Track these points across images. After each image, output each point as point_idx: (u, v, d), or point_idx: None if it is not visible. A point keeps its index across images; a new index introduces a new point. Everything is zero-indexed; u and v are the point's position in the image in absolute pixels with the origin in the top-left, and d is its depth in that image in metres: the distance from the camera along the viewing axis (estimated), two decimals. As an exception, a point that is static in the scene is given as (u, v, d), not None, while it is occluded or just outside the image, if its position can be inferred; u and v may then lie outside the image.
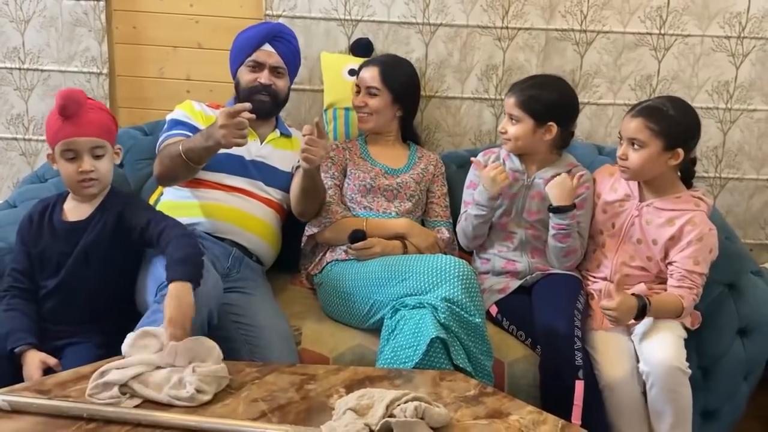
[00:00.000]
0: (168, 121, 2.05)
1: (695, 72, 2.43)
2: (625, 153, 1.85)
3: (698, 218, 1.83)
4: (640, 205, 1.90)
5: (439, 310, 1.64)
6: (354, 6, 2.39)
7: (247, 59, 2.06)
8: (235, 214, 1.97)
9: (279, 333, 1.78)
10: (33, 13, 2.40)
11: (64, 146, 1.66)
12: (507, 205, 2.01)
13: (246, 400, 1.34)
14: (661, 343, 1.72)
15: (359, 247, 1.91)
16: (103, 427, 1.23)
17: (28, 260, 1.72)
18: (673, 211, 1.85)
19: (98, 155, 1.69)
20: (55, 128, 1.66)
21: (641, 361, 1.73)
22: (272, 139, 2.12)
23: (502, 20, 2.40)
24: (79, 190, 1.70)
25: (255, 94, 2.03)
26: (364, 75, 2.16)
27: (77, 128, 1.65)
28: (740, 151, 2.48)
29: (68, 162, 1.67)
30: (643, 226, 1.88)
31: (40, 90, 2.46)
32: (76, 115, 1.65)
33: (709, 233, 1.82)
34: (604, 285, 1.91)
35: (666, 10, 2.39)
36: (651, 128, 1.81)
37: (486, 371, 1.68)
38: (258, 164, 2.05)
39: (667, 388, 1.67)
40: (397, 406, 1.23)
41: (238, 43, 2.11)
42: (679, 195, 1.88)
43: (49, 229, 1.72)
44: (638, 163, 1.83)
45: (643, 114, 1.84)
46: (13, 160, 2.50)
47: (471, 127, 2.49)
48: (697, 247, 1.80)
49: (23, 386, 1.36)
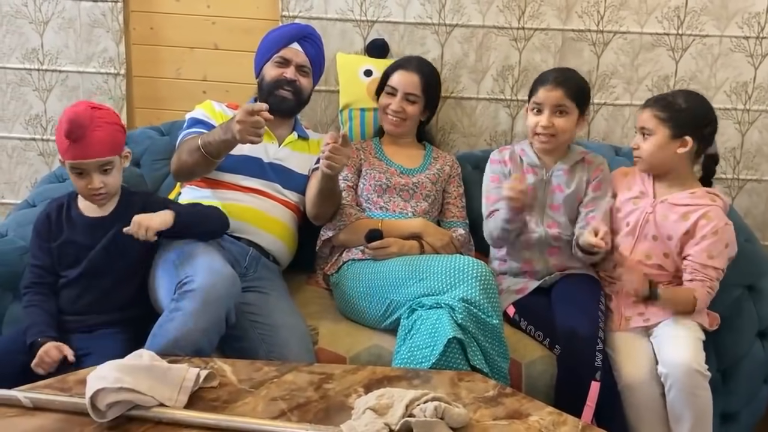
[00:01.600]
0: (188, 120, 2.06)
1: (713, 73, 2.41)
2: (637, 143, 1.93)
3: (713, 213, 1.82)
4: (654, 202, 1.90)
5: (456, 310, 1.64)
6: (370, 7, 2.39)
7: (274, 55, 2.07)
8: (252, 214, 1.97)
9: (296, 332, 1.78)
10: (52, 14, 2.42)
11: (72, 166, 1.69)
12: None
13: (265, 399, 1.34)
14: (680, 344, 1.71)
15: (376, 246, 1.91)
16: (123, 425, 1.23)
17: (47, 255, 1.74)
18: (687, 206, 1.85)
19: (106, 170, 1.71)
20: (63, 147, 1.68)
21: (659, 363, 1.72)
22: (290, 141, 2.12)
23: (518, 21, 2.39)
24: (92, 201, 1.75)
25: (279, 88, 2.05)
26: (403, 80, 2.14)
27: (83, 150, 1.67)
28: (759, 152, 2.46)
29: (77, 177, 1.71)
30: (658, 223, 1.87)
31: (58, 91, 2.48)
32: (83, 137, 1.66)
33: (725, 228, 1.82)
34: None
35: (684, 10, 2.37)
36: (657, 116, 1.89)
37: (502, 373, 1.68)
38: (276, 167, 2.06)
39: (686, 391, 1.66)
40: (417, 406, 1.23)
41: (266, 41, 2.12)
42: (694, 191, 1.88)
43: (69, 223, 1.75)
44: (648, 151, 1.89)
45: (650, 104, 1.93)
46: (31, 160, 2.53)
47: (486, 127, 2.48)
48: (711, 241, 1.79)
49: (45, 383, 1.36)
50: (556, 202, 2.00)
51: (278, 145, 2.10)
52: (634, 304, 1.85)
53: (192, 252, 1.69)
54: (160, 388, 1.28)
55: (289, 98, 2.06)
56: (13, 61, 2.46)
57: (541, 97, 1.96)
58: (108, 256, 1.72)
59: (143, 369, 1.30)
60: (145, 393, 1.25)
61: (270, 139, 2.08)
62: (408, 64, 2.17)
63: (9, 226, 2.00)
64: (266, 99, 2.03)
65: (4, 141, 2.51)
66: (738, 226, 2.06)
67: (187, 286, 1.57)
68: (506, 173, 2.03)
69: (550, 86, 1.95)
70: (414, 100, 2.14)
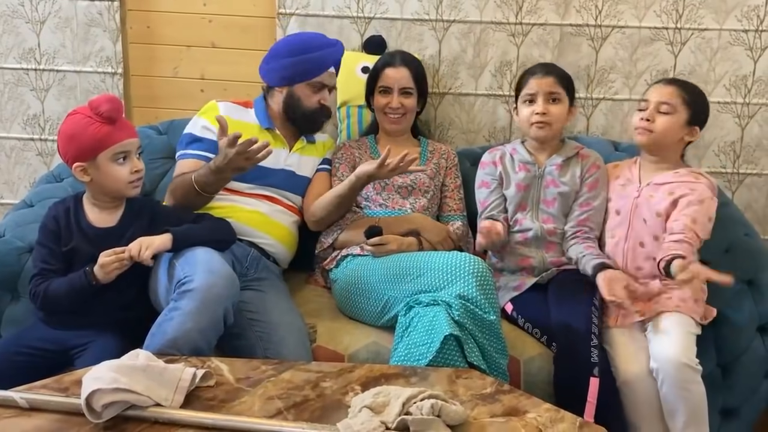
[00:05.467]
0: (184, 136, 2.02)
1: (712, 66, 2.40)
2: (652, 115, 1.89)
3: (699, 188, 1.84)
4: (639, 187, 1.93)
5: (453, 307, 1.63)
6: (367, 3, 2.38)
7: (312, 79, 2.02)
8: (256, 218, 1.97)
9: (293, 330, 1.78)
10: (48, 14, 2.42)
11: (120, 149, 1.68)
12: (522, 199, 2.01)
13: (262, 398, 1.34)
14: (670, 339, 1.70)
15: (376, 242, 1.90)
16: (119, 425, 1.23)
17: (59, 260, 1.71)
18: (671, 183, 1.88)
19: (140, 155, 1.75)
20: (100, 135, 1.65)
21: (651, 358, 1.71)
22: (300, 147, 2.12)
23: (515, 16, 2.38)
24: (129, 191, 1.73)
25: (319, 116, 2.06)
26: (394, 76, 2.13)
27: (126, 131, 1.69)
28: (758, 146, 2.45)
29: (121, 165, 1.69)
30: (645, 203, 1.89)
31: (55, 90, 2.48)
32: (120, 119, 1.68)
33: (711, 201, 1.84)
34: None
35: (682, 3, 2.36)
36: (683, 97, 1.88)
37: (501, 369, 1.67)
38: (287, 173, 2.06)
39: (677, 385, 1.65)
40: (414, 404, 1.23)
41: (297, 57, 2.00)
42: (678, 170, 1.91)
43: (78, 232, 1.72)
44: (663, 128, 1.89)
45: (677, 84, 1.93)
46: (29, 160, 2.53)
47: (485, 123, 2.47)
48: (696, 208, 1.80)
49: (41, 384, 1.36)
50: (550, 197, 2.01)
51: (288, 151, 2.09)
52: (632, 302, 1.85)
53: (191, 252, 1.68)
54: (156, 388, 1.28)
55: (324, 122, 2.10)
56: (10, 61, 2.46)
57: (533, 86, 1.99)
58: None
59: (139, 369, 1.29)
60: (141, 393, 1.25)
61: (283, 146, 2.08)
62: (394, 60, 2.16)
63: (7, 226, 2.00)
64: (307, 122, 2.07)
65: (2, 141, 2.52)
66: (738, 220, 2.06)
67: (186, 286, 1.56)
68: (496, 176, 2.05)
69: (540, 75, 2.00)
70: (410, 93, 2.14)
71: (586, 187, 2.00)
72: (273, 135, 2.06)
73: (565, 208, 2.01)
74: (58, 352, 1.65)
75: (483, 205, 2.06)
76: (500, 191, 2.05)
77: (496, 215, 2.02)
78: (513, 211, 2.02)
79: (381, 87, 2.15)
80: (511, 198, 2.03)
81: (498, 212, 2.03)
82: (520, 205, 2.02)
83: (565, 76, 2.03)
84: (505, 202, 2.05)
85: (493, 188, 2.05)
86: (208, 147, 1.94)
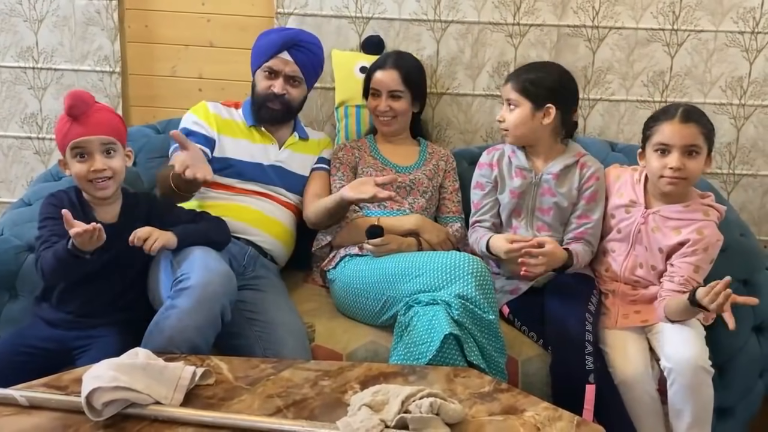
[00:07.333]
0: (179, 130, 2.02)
1: (708, 68, 2.41)
2: (681, 162, 1.77)
3: (708, 229, 1.79)
4: (646, 213, 1.87)
5: (452, 306, 1.64)
6: (365, 3, 2.39)
7: (264, 64, 2.04)
8: (252, 215, 1.98)
9: (292, 329, 1.78)
10: (46, 12, 2.42)
11: (75, 145, 1.65)
12: (516, 206, 1.99)
13: (261, 396, 1.34)
14: (685, 340, 1.70)
15: (377, 243, 1.90)
16: (119, 423, 1.24)
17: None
18: (680, 220, 1.82)
19: (109, 152, 1.68)
20: (65, 131, 1.66)
21: (663, 358, 1.71)
22: (291, 143, 2.13)
23: (513, 17, 2.39)
24: (92, 190, 1.69)
25: (267, 102, 2.04)
26: (382, 78, 2.13)
27: (86, 128, 1.65)
28: (754, 147, 2.46)
29: (80, 162, 1.66)
30: (650, 234, 1.85)
31: (53, 89, 2.47)
32: (85, 114, 1.65)
33: (716, 244, 1.80)
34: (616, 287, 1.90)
35: (679, 5, 2.37)
36: (704, 133, 1.80)
37: (499, 368, 1.68)
38: (277, 169, 2.07)
39: (690, 387, 1.65)
40: (413, 402, 1.23)
41: (258, 45, 2.08)
42: (688, 204, 1.84)
43: (85, 222, 1.70)
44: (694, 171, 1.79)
45: (693, 120, 1.79)
46: (27, 158, 2.52)
47: (483, 124, 2.48)
48: (700, 257, 1.78)
49: (40, 382, 1.36)
50: (546, 205, 1.97)
51: (279, 148, 2.10)
52: (632, 304, 1.86)
53: (189, 250, 1.69)
54: (156, 386, 1.28)
55: (277, 109, 2.05)
56: (7, 59, 2.45)
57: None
58: (117, 263, 1.69)
59: (139, 367, 1.30)
60: (141, 391, 1.25)
61: (270, 142, 2.09)
62: (385, 63, 2.16)
63: (5, 224, 1.99)
64: (258, 109, 2.06)
65: (-1, 139, 2.51)
66: (733, 221, 2.07)
67: (183, 284, 1.57)
68: (491, 179, 2.02)
69: (505, 82, 1.98)
70: (399, 96, 2.14)
71: (583, 200, 1.95)
72: (258, 131, 2.09)
73: (561, 218, 1.97)
74: (59, 352, 1.65)
75: (476, 207, 2.05)
76: (494, 194, 2.02)
77: (487, 219, 2.01)
78: (507, 218, 2.01)
79: (371, 90, 2.17)
80: (504, 204, 2.00)
81: (489, 216, 2.02)
82: (515, 211, 2.00)
83: (524, 82, 1.92)
84: (498, 207, 2.02)
85: (486, 191, 2.03)
86: (198, 140, 1.97)
